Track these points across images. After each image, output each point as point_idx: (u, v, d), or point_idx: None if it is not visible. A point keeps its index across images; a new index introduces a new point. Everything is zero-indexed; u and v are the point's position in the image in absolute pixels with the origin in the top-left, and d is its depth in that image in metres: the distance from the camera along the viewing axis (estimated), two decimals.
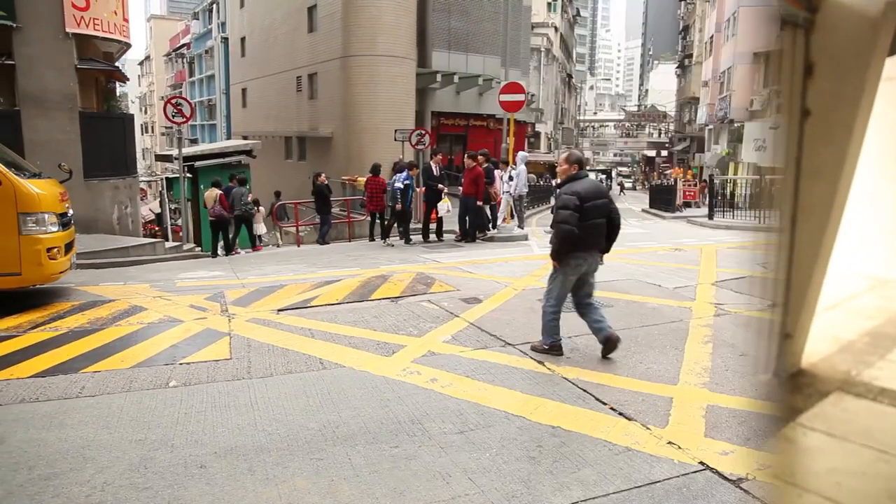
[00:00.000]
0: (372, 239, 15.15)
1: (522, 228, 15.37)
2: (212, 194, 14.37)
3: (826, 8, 1.14)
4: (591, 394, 4.51)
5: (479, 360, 5.27)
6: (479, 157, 13.32)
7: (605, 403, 4.34)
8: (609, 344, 5.22)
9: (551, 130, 55.89)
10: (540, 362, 5.19)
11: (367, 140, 24.19)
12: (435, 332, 6.10)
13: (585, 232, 5.08)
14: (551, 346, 5.37)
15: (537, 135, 48.85)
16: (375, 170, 15.00)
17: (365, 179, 15.86)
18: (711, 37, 44.02)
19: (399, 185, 13.18)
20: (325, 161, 25.81)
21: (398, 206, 13.30)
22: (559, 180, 5.49)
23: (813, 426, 1.24)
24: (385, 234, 14.12)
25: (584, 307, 5.39)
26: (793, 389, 1.30)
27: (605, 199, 5.24)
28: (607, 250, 5.37)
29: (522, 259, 10.78)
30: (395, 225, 14.19)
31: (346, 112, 24.98)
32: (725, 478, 3.36)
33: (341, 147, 25.45)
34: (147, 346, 5.80)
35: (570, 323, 6.28)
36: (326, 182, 16.02)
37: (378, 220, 15.15)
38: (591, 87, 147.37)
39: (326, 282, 8.79)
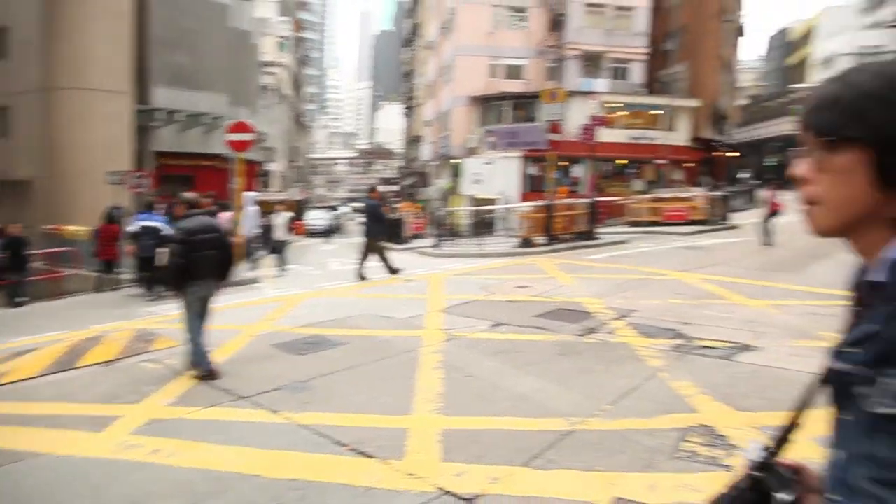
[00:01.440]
0: (102, 290, 13.64)
1: (255, 271, 14.81)
2: None
3: None
4: (329, 437, 4.40)
5: (208, 420, 4.85)
6: (205, 200, 12.56)
7: (344, 445, 4.26)
8: (203, 377, 5.84)
9: (284, 169, 55.39)
10: (275, 411, 4.95)
11: (77, 184, 21.41)
12: (158, 394, 5.50)
13: (196, 263, 5.78)
14: (207, 373, 5.80)
15: (269, 174, 47.99)
16: (108, 217, 14.07)
17: (93, 228, 14.50)
18: (432, 81, 47.68)
19: (167, 229, 11.47)
20: (23, 209, 22.23)
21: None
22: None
23: None
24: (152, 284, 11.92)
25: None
26: None
27: (214, 233, 6.02)
28: (223, 278, 6.12)
29: (257, 303, 10.35)
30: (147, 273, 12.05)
31: (50, 152, 21.88)
32: (461, 498, 3.49)
33: (45, 192, 22.22)
34: None
35: (311, 364, 6.16)
36: (20, 234, 13.85)
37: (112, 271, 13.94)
38: (324, 126, 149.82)
39: (21, 352, 7.47)
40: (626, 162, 34.88)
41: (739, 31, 46.70)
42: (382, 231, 12.84)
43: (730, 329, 6.99)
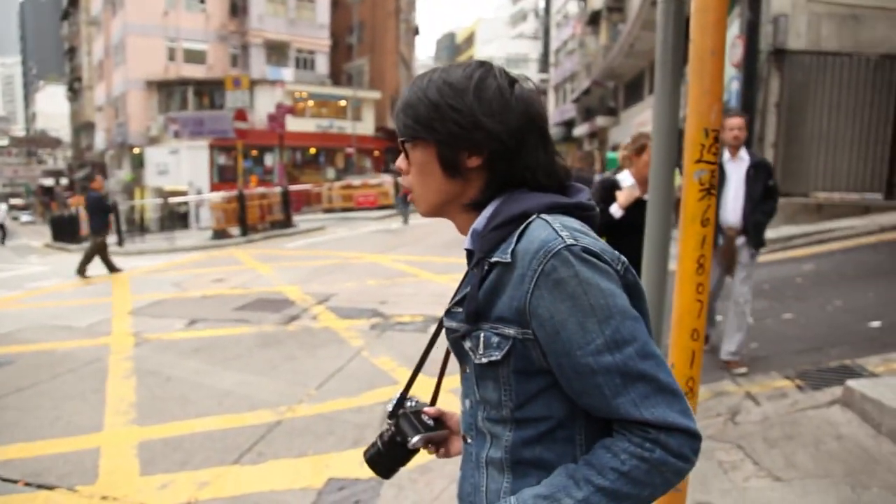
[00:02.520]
0: None
1: None
2: None
3: None
4: None
5: None
6: None
7: (15, 482, 3.67)
8: None
9: None
10: None
11: None
12: None
13: None
14: None
15: None
16: None
17: None
18: (101, 61, 42.49)
19: None
20: None
21: None
22: None
23: None
24: None
25: None
26: None
27: None
28: None
29: None
30: None
31: None
32: None
33: None
34: None
35: None
36: None
37: None
38: None
39: None
40: (316, 151, 35.43)
41: (415, 31, 50.28)
42: (104, 225, 11.67)
43: (421, 304, 7.62)
